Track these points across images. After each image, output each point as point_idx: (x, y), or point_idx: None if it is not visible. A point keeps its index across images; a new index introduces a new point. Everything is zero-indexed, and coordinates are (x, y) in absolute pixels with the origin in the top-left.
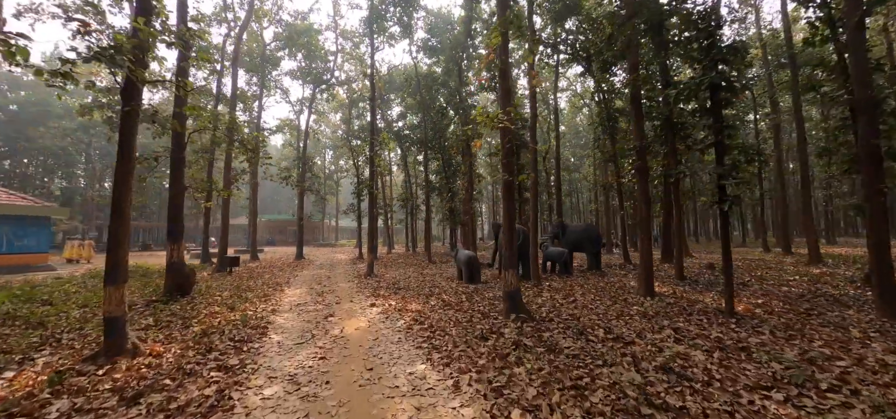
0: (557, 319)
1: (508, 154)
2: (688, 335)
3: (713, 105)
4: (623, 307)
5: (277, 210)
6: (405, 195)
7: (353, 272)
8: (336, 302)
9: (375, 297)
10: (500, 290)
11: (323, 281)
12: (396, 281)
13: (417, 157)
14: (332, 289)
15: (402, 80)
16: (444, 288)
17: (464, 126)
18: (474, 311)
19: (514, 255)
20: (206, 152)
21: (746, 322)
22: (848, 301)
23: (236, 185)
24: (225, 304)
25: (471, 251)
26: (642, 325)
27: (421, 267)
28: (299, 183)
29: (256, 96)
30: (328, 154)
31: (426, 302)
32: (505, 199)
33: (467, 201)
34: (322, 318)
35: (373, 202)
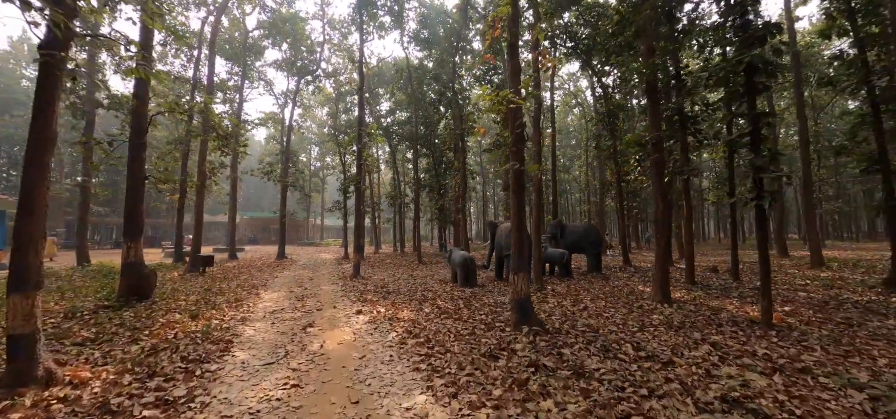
0: (573, 331)
1: (518, 140)
2: (730, 352)
3: (748, 90)
4: (642, 316)
5: (261, 207)
6: (394, 193)
7: (338, 273)
8: (317, 308)
9: (362, 303)
10: (500, 295)
11: (304, 283)
12: (385, 283)
13: (406, 153)
14: (313, 293)
15: (392, 74)
16: (437, 292)
17: (455, 121)
18: (476, 321)
19: (526, 258)
20: (180, 143)
21: (786, 334)
22: (878, 307)
23: (213, 179)
24: (188, 311)
25: (466, 252)
26: (674, 339)
27: (410, 268)
28: (282, 178)
29: (238, 87)
30: (314, 150)
31: (419, 308)
32: (514, 192)
33: (460, 199)
34: (300, 329)
35: (360, 198)
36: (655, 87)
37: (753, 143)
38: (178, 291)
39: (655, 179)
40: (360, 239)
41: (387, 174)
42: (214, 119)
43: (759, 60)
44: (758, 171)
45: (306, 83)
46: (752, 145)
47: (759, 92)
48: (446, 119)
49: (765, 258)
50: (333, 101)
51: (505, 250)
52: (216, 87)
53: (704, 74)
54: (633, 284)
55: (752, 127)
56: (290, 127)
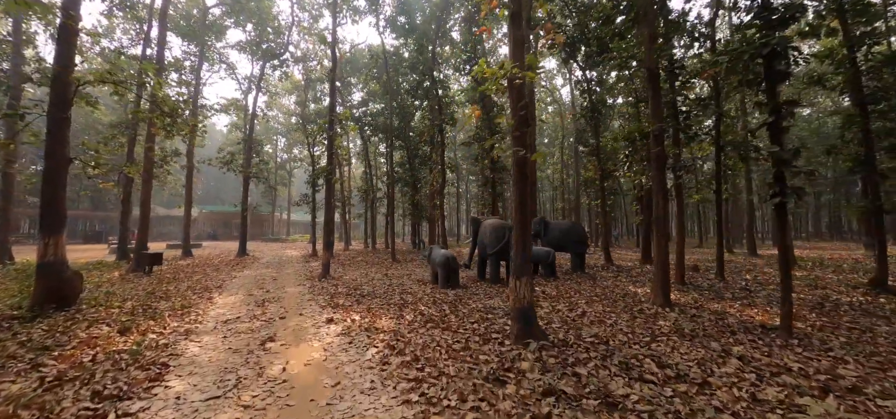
0: (581, 343)
1: (522, 123)
2: (763, 367)
3: (768, 77)
4: (647, 323)
5: (223, 201)
6: (366, 186)
7: (306, 272)
8: (280, 315)
9: (333, 309)
10: (487, 298)
11: (267, 284)
12: (358, 284)
13: (379, 147)
14: (276, 296)
15: (365, 61)
16: (417, 294)
17: (434, 112)
18: (468, 331)
19: (529, 259)
20: (126, 126)
21: (808, 343)
22: (875, 310)
23: (165, 168)
24: (119, 323)
25: (447, 250)
26: (695, 352)
27: (384, 266)
28: (244, 169)
29: (195, 68)
30: (280, 141)
31: (400, 315)
32: (516, 183)
33: (438, 194)
34: (257, 345)
35: (330, 191)
36: (658, 75)
37: (772, 135)
38: (114, 296)
39: (656, 174)
40: (329, 235)
41: (358, 168)
42: (163, 97)
43: (785, 44)
44: (781, 165)
45: (272, 68)
46: (773, 137)
47: (780, 79)
48: (422, 111)
49: (785, 260)
50: (302, 89)
51: (489, 249)
52: (169, 66)
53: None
54: (622, 285)
55: (773, 117)
56: (254, 114)
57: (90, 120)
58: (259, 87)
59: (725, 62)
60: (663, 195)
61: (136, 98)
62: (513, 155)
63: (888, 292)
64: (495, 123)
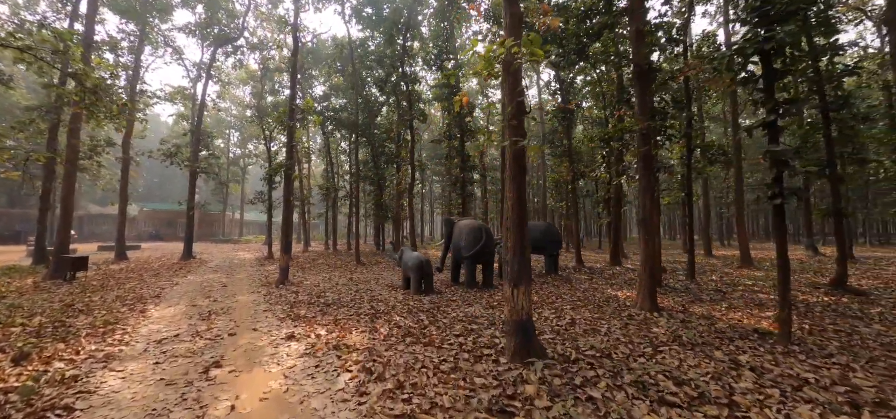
0: (583, 358)
1: (519, 110)
2: (780, 381)
3: (766, 76)
4: (640, 330)
5: (168, 198)
6: (328, 184)
7: (261, 277)
8: (230, 331)
9: (294, 321)
10: (466, 305)
11: (215, 291)
12: (321, 291)
13: (341, 144)
14: (226, 307)
15: (329, 52)
16: (389, 302)
17: (403, 108)
18: (454, 346)
19: (528, 265)
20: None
21: (809, 349)
22: (849, 311)
23: (93, 157)
24: (15, 347)
25: (420, 253)
26: (705, 365)
27: (348, 270)
28: (191, 163)
29: (135, 49)
30: (233, 135)
31: (373, 328)
32: (513, 178)
33: (407, 193)
34: (199, 373)
35: (289, 188)
36: (646, 73)
37: (771, 134)
38: (18, 310)
39: (644, 174)
40: (288, 236)
41: (318, 166)
42: (84, 72)
43: (790, 37)
44: (780, 166)
45: (225, 55)
46: (771, 137)
47: (778, 77)
48: (389, 106)
49: (783, 264)
50: (258, 80)
51: (465, 251)
52: (102, 45)
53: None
54: (600, 288)
55: (772, 117)
56: (203, 104)
57: (6, 103)
58: (209, 75)
59: (726, 57)
60: (651, 196)
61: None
62: (509, 146)
63: (848, 292)
64: (466, 122)
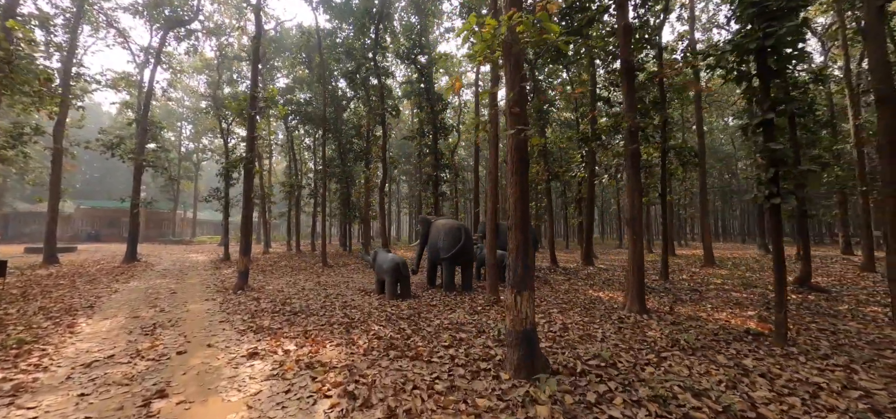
0: (589, 370)
1: (521, 97)
2: (795, 385)
3: (761, 74)
4: (635, 334)
5: (111, 195)
6: (292, 181)
7: (216, 282)
8: (179, 349)
9: (257, 333)
10: (451, 311)
11: (162, 300)
12: (286, 297)
13: (306, 139)
14: (174, 318)
15: (294, 41)
16: (364, 309)
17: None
18: (445, 359)
19: (532, 268)
20: None
21: (806, 350)
22: (824, 310)
23: (17, 146)
24: None
25: (396, 254)
26: (716, 374)
27: (314, 273)
28: (136, 155)
29: (70, 26)
30: (186, 128)
31: (350, 340)
32: (515, 170)
33: (379, 192)
34: (137, 407)
35: (249, 183)
36: (633, 69)
37: (766, 133)
38: None
39: (631, 173)
40: (247, 236)
41: (280, 163)
42: None
43: (792, 34)
44: (774, 163)
45: (177, 39)
46: (767, 136)
47: (774, 76)
48: (358, 100)
49: (780, 266)
50: (215, 69)
51: (443, 252)
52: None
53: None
54: (581, 288)
55: (769, 115)
56: (151, 91)
57: None
58: (159, 60)
59: (729, 50)
60: (640, 195)
61: None
62: (511, 137)
63: (813, 290)
64: (440, 119)
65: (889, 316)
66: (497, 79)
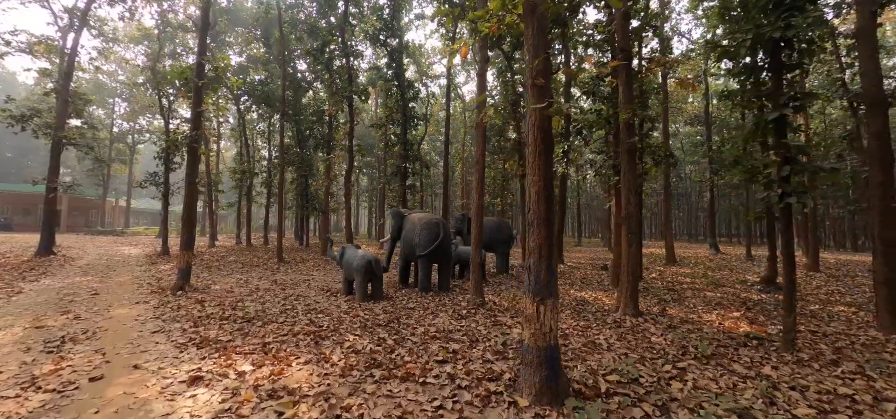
0: (614, 389)
1: (546, 67)
2: (831, 398)
3: (773, 68)
4: (639, 340)
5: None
6: (244, 167)
7: (151, 280)
8: (93, 373)
9: (202, 348)
10: (433, 316)
11: (79, 303)
12: (237, 299)
13: (259, 124)
14: (92, 328)
15: (250, 13)
16: (332, 313)
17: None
18: (444, 379)
19: (555, 272)
20: None
21: (822, 361)
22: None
23: None
24: None
25: (367, 251)
26: (743, 387)
27: (269, 269)
28: (55, 132)
29: None
30: (119, 106)
31: (321, 356)
32: (538, 152)
33: (345, 182)
34: None
35: (194, 165)
36: (631, 56)
37: (777, 130)
38: None
39: (627, 169)
40: (190, 228)
41: (229, 149)
42: None
43: (812, 26)
44: (787, 161)
45: (110, 2)
46: (779, 133)
47: (787, 70)
48: (323, 82)
49: (791, 270)
50: (155, 40)
51: (420, 249)
52: None
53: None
54: (563, 289)
55: (782, 111)
56: (74, 56)
57: None
58: (85, 23)
59: (743, 41)
60: (637, 191)
61: None
62: (534, 113)
63: (780, 290)
64: (410, 108)
65: (869, 317)
66: (485, 58)
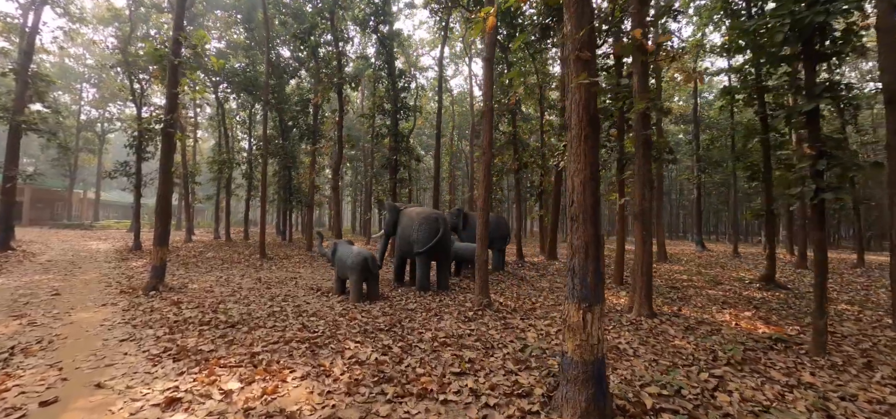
0: (660, 405)
1: (591, 39)
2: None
3: (806, 57)
4: (662, 344)
5: None
6: (224, 156)
7: (121, 278)
8: (45, 395)
9: (179, 360)
10: (438, 319)
11: (36, 305)
12: (218, 300)
13: (239, 114)
14: (48, 336)
15: None
16: (327, 316)
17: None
18: (467, 396)
19: (603, 274)
20: None
21: (855, 365)
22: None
23: None
24: None
25: (362, 248)
26: (790, 396)
27: (252, 266)
28: (14, 115)
29: None
30: (88, 92)
31: (321, 368)
32: (585, 138)
33: (333, 174)
34: None
35: (169, 151)
36: (645, 50)
37: (810, 128)
38: None
39: (641, 162)
40: (165, 221)
41: (206, 140)
42: None
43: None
44: (821, 156)
45: None
46: (810, 131)
47: (820, 60)
48: (309, 70)
49: (823, 269)
50: (126, 21)
51: (418, 245)
52: None
53: (778, 20)
54: (561, 285)
55: (814, 103)
56: (35, 36)
57: None
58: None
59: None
60: (651, 186)
61: None
62: (575, 92)
63: (779, 288)
64: (402, 98)
65: (878, 315)
66: (493, 43)
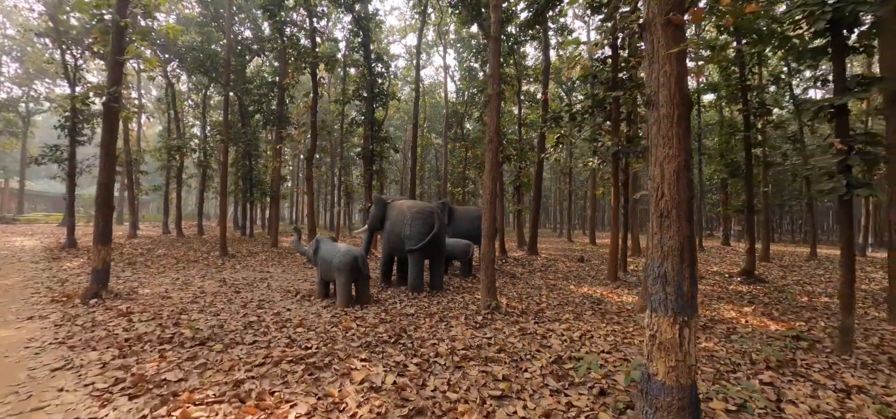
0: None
1: (680, 3)
2: None
3: (835, 47)
4: None
5: None
6: (177, 142)
7: (52, 283)
8: None
9: (136, 397)
10: (451, 327)
11: None
12: (179, 309)
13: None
14: None
15: None
16: (316, 326)
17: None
18: None
19: (696, 277)
20: None
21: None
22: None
23: None
24: None
25: (352, 247)
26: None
27: (212, 265)
28: None
29: None
30: (9, 66)
31: (327, 400)
32: (676, 120)
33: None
34: None
35: (113, 129)
36: None
37: (838, 124)
38: None
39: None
40: (107, 213)
41: (152, 125)
42: None
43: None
44: (850, 152)
45: None
46: (837, 127)
47: (849, 52)
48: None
49: (850, 268)
50: None
51: (411, 242)
52: None
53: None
54: (557, 283)
55: (845, 97)
56: None
57: None
58: None
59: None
60: None
61: None
62: (664, 64)
63: (759, 282)
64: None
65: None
66: (500, 20)
